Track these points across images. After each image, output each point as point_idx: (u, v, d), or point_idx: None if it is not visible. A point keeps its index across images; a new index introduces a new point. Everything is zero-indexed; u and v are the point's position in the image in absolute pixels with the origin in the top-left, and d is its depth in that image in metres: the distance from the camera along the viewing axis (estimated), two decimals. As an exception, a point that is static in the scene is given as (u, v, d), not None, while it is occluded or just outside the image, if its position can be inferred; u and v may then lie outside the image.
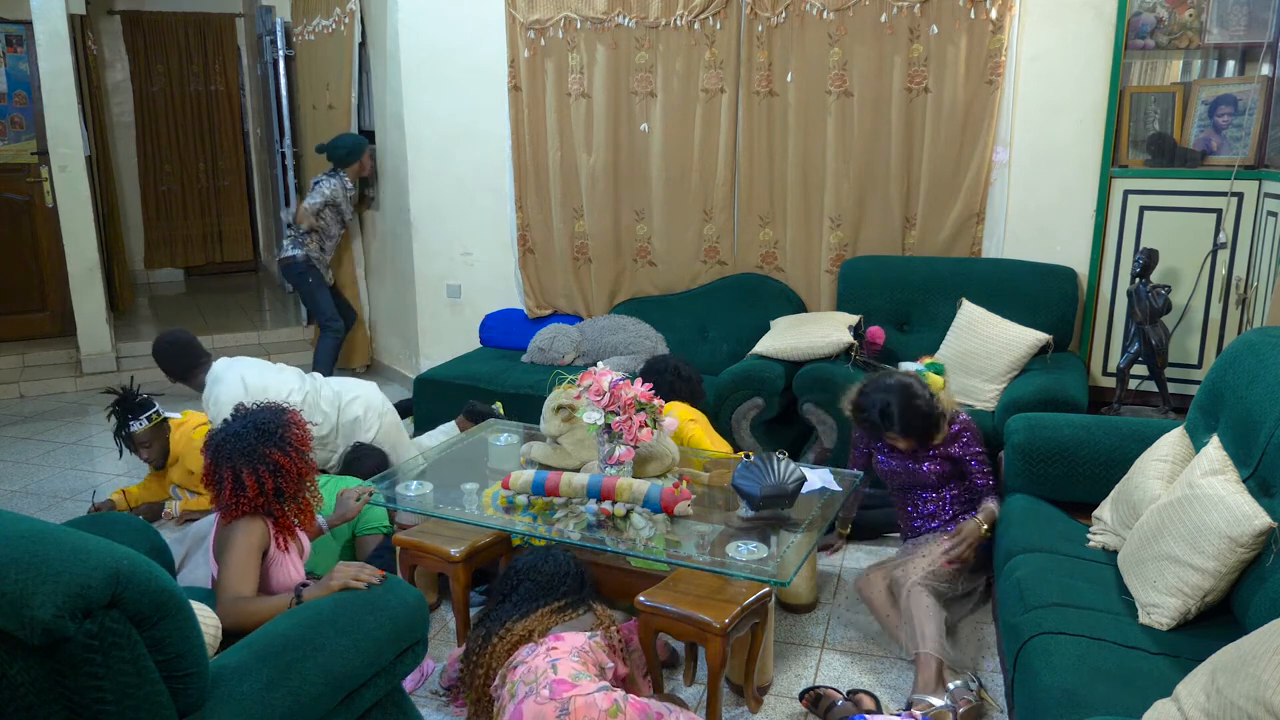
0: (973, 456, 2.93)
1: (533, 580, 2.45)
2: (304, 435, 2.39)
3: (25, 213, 6.15)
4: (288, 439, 2.33)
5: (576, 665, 2.15)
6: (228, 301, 7.73)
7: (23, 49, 6.08)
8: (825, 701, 2.46)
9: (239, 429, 2.31)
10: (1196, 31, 3.77)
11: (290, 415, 2.40)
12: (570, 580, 2.47)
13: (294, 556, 2.40)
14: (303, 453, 2.36)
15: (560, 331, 4.55)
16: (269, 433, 2.30)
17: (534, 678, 2.12)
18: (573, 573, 2.49)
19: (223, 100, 8.59)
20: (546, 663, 2.15)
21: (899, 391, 2.87)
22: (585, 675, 2.12)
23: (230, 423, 2.35)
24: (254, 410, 2.38)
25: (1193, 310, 3.83)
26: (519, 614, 2.38)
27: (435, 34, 4.82)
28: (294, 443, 2.34)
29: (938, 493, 2.98)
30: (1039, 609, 2.17)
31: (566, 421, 2.99)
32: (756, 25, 4.24)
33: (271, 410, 2.38)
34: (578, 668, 2.14)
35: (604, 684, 2.11)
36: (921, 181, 4.16)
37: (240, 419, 2.35)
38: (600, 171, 4.66)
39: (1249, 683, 1.48)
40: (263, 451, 2.27)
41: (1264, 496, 2.09)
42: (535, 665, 2.15)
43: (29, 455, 4.57)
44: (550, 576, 2.45)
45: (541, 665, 2.14)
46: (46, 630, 1.35)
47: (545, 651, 2.20)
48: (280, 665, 1.73)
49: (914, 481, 2.98)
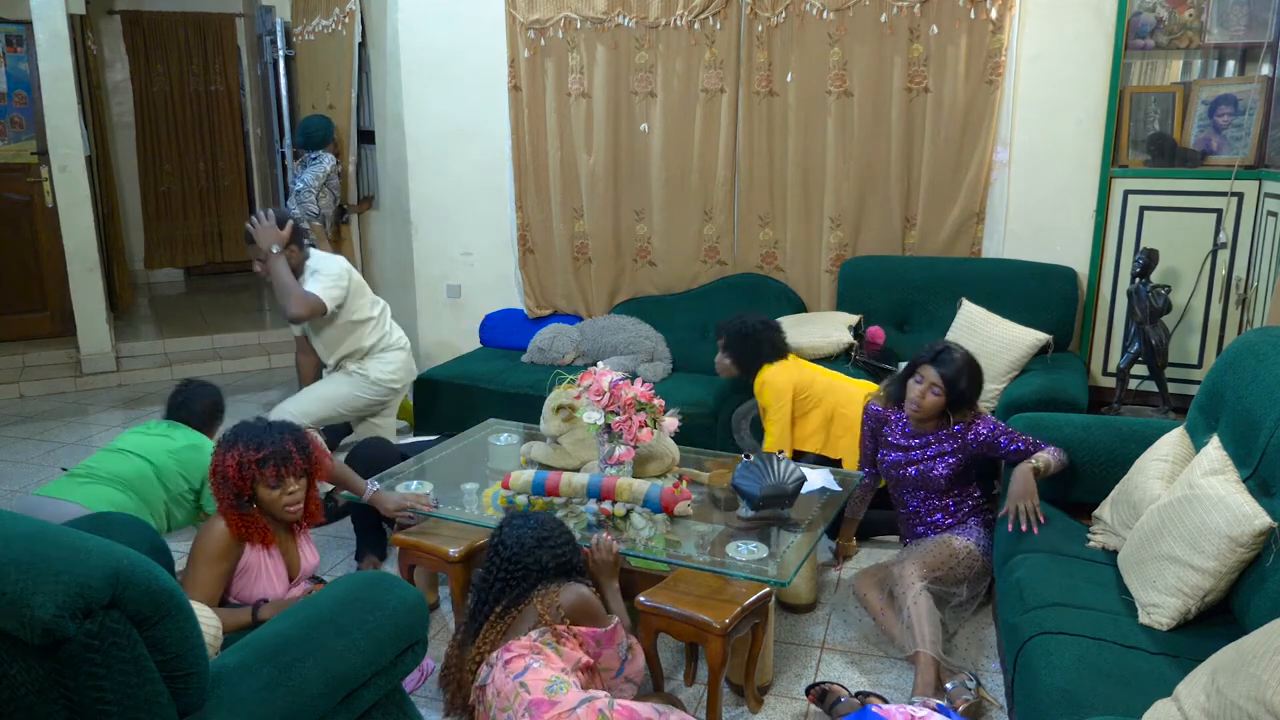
0: (1001, 435, 2.81)
1: (479, 593, 2.27)
2: (319, 452, 2.46)
3: (25, 213, 6.15)
4: (304, 440, 2.40)
5: (545, 674, 2.01)
6: (228, 301, 7.73)
7: (23, 49, 6.08)
8: (831, 697, 2.47)
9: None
10: (1196, 31, 3.77)
11: (306, 435, 2.45)
12: (504, 578, 2.23)
13: (277, 566, 2.41)
14: (308, 459, 2.41)
15: (560, 331, 4.54)
16: (290, 428, 2.40)
17: (507, 703, 1.99)
18: (506, 566, 2.24)
19: (223, 100, 8.58)
20: (513, 683, 2.01)
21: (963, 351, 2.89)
22: (561, 683, 1.99)
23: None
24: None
25: (1193, 310, 3.84)
26: (470, 636, 2.24)
27: (435, 34, 4.82)
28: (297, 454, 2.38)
29: (942, 499, 2.93)
30: (1039, 609, 2.17)
31: (566, 421, 3.00)
32: (756, 25, 4.24)
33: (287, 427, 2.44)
34: (547, 677, 2.00)
35: (587, 694, 1.99)
36: (921, 181, 4.16)
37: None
38: (600, 171, 4.66)
39: (1249, 683, 1.48)
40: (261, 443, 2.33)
41: (1264, 496, 2.09)
42: (503, 688, 2.02)
43: (29, 455, 4.56)
44: (488, 584, 2.25)
45: (509, 687, 2.00)
46: (46, 630, 1.35)
47: (502, 667, 2.06)
48: (280, 665, 1.73)
49: (922, 483, 2.94)
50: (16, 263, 6.18)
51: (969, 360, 2.87)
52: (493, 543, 2.30)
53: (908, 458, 2.94)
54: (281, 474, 2.33)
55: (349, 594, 1.98)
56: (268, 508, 2.38)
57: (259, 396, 5.59)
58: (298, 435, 2.40)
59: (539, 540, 2.24)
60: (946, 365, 2.84)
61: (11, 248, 6.15)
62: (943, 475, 2.88)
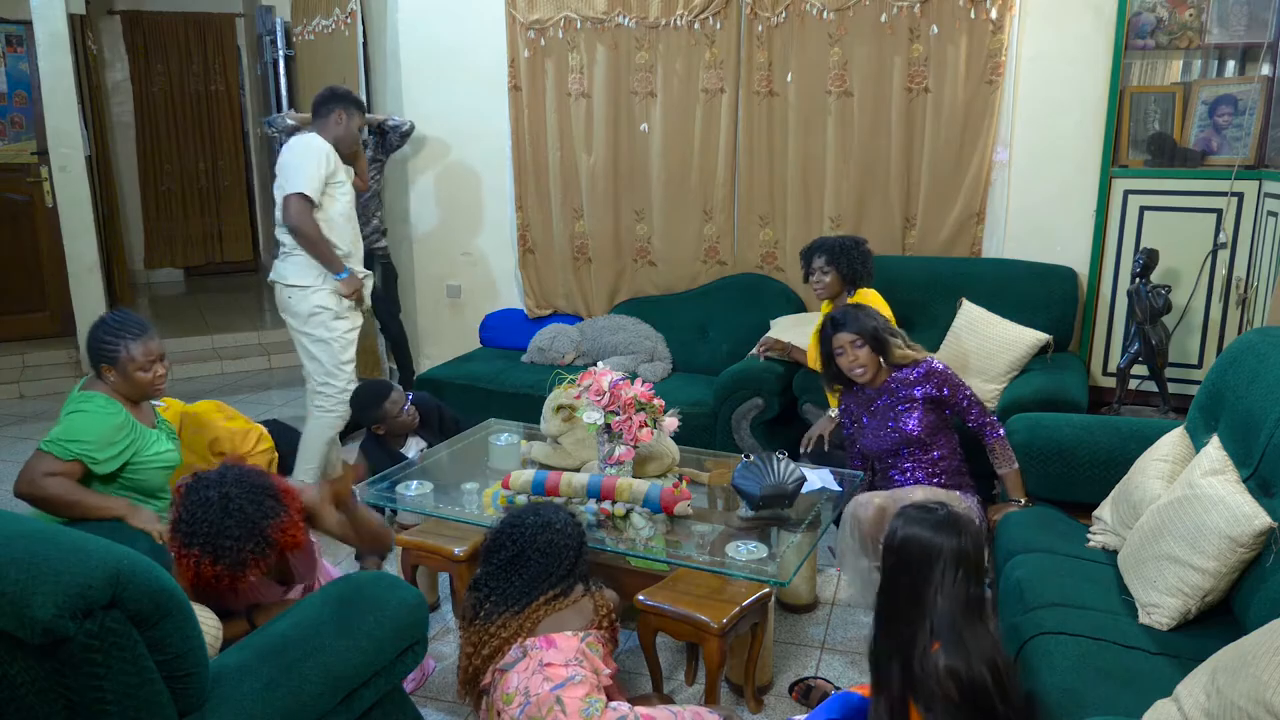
0: (958, 392, 2.89)
1: (537, 558, 2.13)
2: (294, 521, 2.10)
3: (25, 213, 6.15)
4: (269, 536, 2.03)
5: (581, 693, 1.95)
6: (228, 301, 7.73)
7: (23, 49, 6.08)
8: (817, 693, 2.47)
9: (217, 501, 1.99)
10: (1196, 31, 3.77)
11: (280, 495, 2.08)
12: (569, 552, 2.17)
13: (261, 586, 2.22)
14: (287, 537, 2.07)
15: (560, 331, 4.55)
16: (251, 525, 2.00)
17: (540, 713, 1.94)
18: (572, 540, 2.18)
19: (223, 100, 8.58)
20: (550, 694, 1.94)
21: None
22: (596, 704, 1.95)
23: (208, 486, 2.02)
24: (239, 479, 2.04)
25: (1193, 310, 3.83)
26: (514, 607, 2.11)
27: (435, 34, 4.83)
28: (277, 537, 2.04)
29: (926, 452, 2.91)
30: (1039, 609, 2.17)
31: (566, 421, 2.99)
32: (756, 25, 4.24)
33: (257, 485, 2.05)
34: (582, 695, 1.94)
35: (621, 713, 1.96)
36: (921, 181, 4.16)
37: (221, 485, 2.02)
38: (600, 171, 4.66)
39: (1249, 683, 1.48)
40: (235, 547, 1.99)
41: (1264, 496, 2.09)
42: (537, 694, 1.96)
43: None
44: (553, 550, 2.14)
45: (546, 697, 1.94)
46: (47, 630, 1.35)
47: (540, 669, 1.99)
48: (280, 665, 1.73)
49: (901, 440, 2.90)
50: (16, 263, 6.18)
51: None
52: (528, 530, 2.17)
53: (881, 422, 2.95)
54: (238, 577, 2.03)
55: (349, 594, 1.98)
56: None
57: (259, 396, 5.59)
58: (256, 531, 2.01)
59: (580, 539, 2.22)
60: (840, 317, 2.95)
61: (11, 248, 6.16)
62: (920, 425, 2.89)
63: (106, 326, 2.64)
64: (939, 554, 1.76)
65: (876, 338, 2.92)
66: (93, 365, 2.66)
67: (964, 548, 1.76)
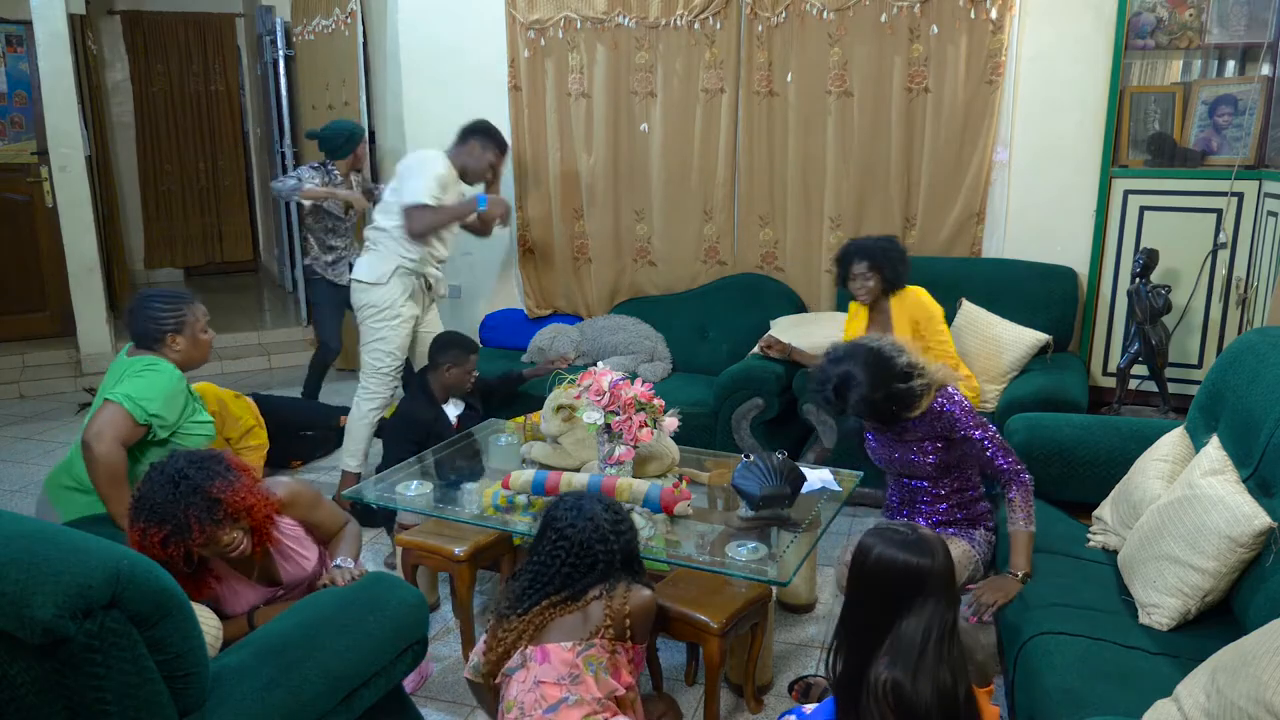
0: (973, 423, 2.47)
1: (572, 555, 2.00)
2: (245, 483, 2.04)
3: (25, 213, 6.15)
4: (211, 495, 1.96)
5: (575, 715, 1.87)
6: (228, 301, 7.73)
7: (23, 49, 6.08)
8: (816, 690, 2.47)
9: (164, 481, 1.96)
10: (1196, 31, 3.77)
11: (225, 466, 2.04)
12: (574, 564, 2.02)
13: (241, 590, 2.17)
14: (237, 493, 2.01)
15: (560, 331, 4.54)
16: (194, 487, 1.96)
17: None
18: (576, 551, 2.02)
19: (223, 100, 8.59)
20: (543, 716, 1.88)
21: (864, 360, 2.41)
22: None
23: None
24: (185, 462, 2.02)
25: (1193, 310, 3.84)
26: (522, 606, 2.02)
27: (435, 34, 4.82)
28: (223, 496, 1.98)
29: (935, 484, 2.64)
30: (1039, 609, 2.17)
31: (566, 421, 2.99)
32: (756, 25, 4.24)
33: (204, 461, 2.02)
34: (579, 718, 1.87)
35: None
36: (921, 181, 4.16)
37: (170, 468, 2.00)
38: (600, 171, 4.66)
39: (1249, 683, 1.48)
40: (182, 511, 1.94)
41: (1264, 496, 2.09)
42: (531, 714, 1.89)
43: (29, 455, 4.56)
44: (549, 569, 2.03)
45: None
46: (47, 630, 1.35)
47: (535, 687, 1.92)
48: (280, 665, 1.73)
49: (907, 470, 2.70)
50: (16, 263, 6.19)
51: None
52: (556, 522, 2.07)
53: (903, 455, 2.76)
54: (192, 547, 1.97)
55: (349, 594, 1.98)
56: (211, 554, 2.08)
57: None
58: (198, 490, 1.95)
59: (614, 525, 2.06)
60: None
61: (11, 248, 6.16)
62: (928, 462, 2.59)
63: (158, 301, 2.74)
64: (911, 574, 1.73)
65: (889, 397, 2.47)
66: (151, 342, 2.73)
67: (934, 568, 1.74)
